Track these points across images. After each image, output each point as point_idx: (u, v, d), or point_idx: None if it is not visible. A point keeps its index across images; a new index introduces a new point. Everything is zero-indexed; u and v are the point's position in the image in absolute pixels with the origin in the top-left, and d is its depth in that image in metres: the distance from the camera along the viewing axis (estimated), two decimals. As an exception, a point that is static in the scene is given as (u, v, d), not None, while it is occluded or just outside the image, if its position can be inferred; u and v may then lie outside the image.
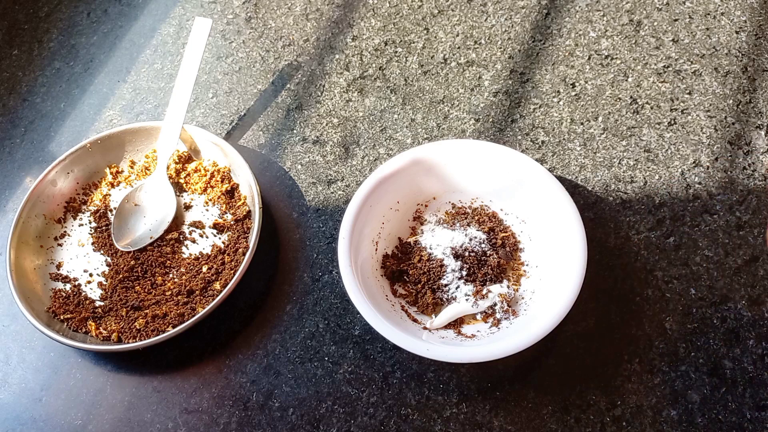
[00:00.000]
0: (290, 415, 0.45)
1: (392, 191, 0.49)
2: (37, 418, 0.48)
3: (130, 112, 0.62)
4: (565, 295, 0.41)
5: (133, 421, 0.47)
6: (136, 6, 0.68)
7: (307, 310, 0.49)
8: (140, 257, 0.52)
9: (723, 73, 0.54)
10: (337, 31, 0.63)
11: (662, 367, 0.44)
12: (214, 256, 0.51)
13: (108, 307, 0.50)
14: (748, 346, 0.43)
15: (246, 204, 0.53)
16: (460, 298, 0.46)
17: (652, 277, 0.46)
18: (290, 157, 0.56)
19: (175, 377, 0.48)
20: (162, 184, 0.55)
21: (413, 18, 0.62)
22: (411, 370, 0.46)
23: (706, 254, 0.47)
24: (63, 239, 0.55)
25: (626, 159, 0.51)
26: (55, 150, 0.61)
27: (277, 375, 0.47)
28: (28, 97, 0.64)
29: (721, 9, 0.58)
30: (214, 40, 0.64)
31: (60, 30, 0.68)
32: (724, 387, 0.43)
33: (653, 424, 0.42)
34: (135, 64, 0.64)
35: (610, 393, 0.43)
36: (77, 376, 0.49)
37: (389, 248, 0.49)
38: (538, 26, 0.60)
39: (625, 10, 0.59)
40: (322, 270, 0.51)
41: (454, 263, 0.47)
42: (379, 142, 0.56)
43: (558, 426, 0.43)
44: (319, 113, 0.58)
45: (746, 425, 0.41)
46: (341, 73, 0.60)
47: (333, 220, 0.53)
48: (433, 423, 0.44)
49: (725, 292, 0.45)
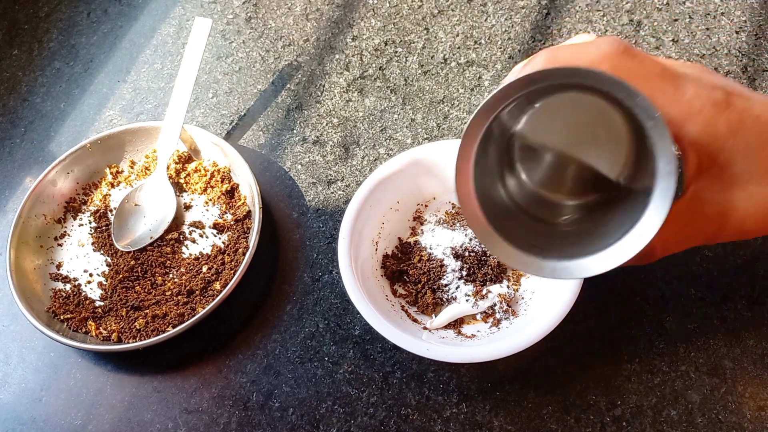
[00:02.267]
0: (290, 415, 0.45)
1: (392, 191, 0.49)
2: (37, 418, 0.48)
3: (130, 112, 0.62)
4: (565, 295, 0.41)
5: (133, 421, 0.47)
6: (136, 6, 0.68)
7: (307, 310, 0.49)
8: (140, 257, 0.52)
9: (723, 73, 0.54)
10: (337, 31, 0.63)
11: (662, 367, 0.44)
12: (214, 256, 0.51)
13: (108, 307, 0.50)
14: (748, 346, 0.43)
15: (246, 204, 0.53)
16: (460, 298, 0.46)
17: (652, 277, 0.46)
18: (290, 157, 0.56)
19: (175, 377, 0.48)
20: (162, 184, 0.55)
21: (413, 18, 0.62)
22: (411, 370, 0.46)
23: (706, 254, 0.47)
24: (63, 239, 0.55)
25: (626, 159, 0.51)
26: (55, 150, 0.61)
27: (277, 375, 0.47)
28: (28, 97, 0.64)
29: (721, 9, 0.58)
30: (214, 40, 0.64)
31: (60, 30, 0.68)
32: (724, 387, 0.43)
33: (653, 424, 0.42)
34: (135, 64, 0.64)
35: (610, 393, 0.43)
36: (77, 376, 0.49)
37: (389, 248, 0.49)
38: (538, 26, 0.60)
39: (625, 10, 0.59)
40: (322, 270, 0.51)
41: (454, 263, 0.47)
42: (379, 142, 0.56)
43: (558, 426, 0.43)
44: (319, 113, 0.58)
45: (746, 425, 0.41)
46: (341, 73, 0.60)
47: (333, 220, 0.53)
48: (433, 423, 0.44)
49: (725, 292, 0.45)
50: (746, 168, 0.32)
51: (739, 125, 0.31)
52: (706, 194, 0.33)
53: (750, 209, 0.33)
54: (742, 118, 0.31)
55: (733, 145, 0.31)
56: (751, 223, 0.33)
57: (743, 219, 0.33)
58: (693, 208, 0.34)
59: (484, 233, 0.37)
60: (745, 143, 0.31)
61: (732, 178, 0.32)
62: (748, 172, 0.32)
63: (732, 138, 0.31)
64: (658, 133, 0.30)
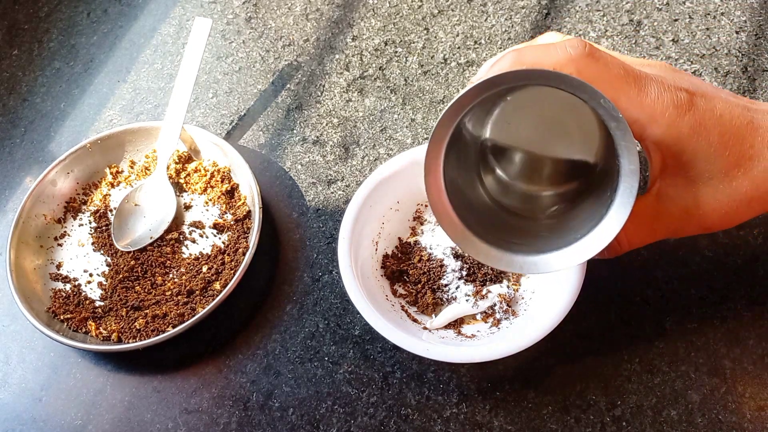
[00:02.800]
0: (290, 415, 0.45)
1: (392, 191, 0.49)
2: (37, 418, 0.48)
3: (130, 112, 0.62)
4: (565, 295, 0.41)
5: (133, 421, 0.47)
6: (136, 6, 0.68)
7: (307, 310, 0.49)
8: (140, 257, 0.52)
9: (723, 73, 0.54)
10: (337, 31, 0.63)
11: (662, 367, 0.44)
12: (214, 256, 0.51)
13: (108, 307, 0.50)
14: (748, 346, 0.43)
15: (246, 204, 0.53)
16: (460, 298, 0.46)
17: (652, 277, 0.46)
18: (290, 157, 0.56)
19: (175, 377, 0.48)
20: (162, 184, 0.55)
21: (413, 18, 0.62)
22: (411, 370, 0.46)
23: (706, 254, 0.47)
24: (63, 239, 0.55)
25: (626, 159, 0.51)
26: (55, 150, 0.61)
27: (277, 375, 0.47)
28: (28, 97, 0.64)
29: (721, 9, 0.58)
30: (214, 40, 0.64)
31: (60, 30, 0.68)
32: (724, 387, 0.43)
33: (653, 424, 0.42)
34: (135, 64, 0.64)
35: (610, 393, 0.43)
36: (77, 376, 0.49)
37: (389, 248, 0.49)
38: (538, 26, 0.60)
39: (625, 10, 0.59)
40: (322, 270, 0.51)
41: (454, 263, 0.47)
42: (379, 142, 0.56)
43: (558, 426, 0.43)
44: (319, 113, 0.58)
45: (746, 425, 0.41)
46: (341, 73, 0.60)
47: (333, 220, 0.53)
48: (433, 423, 0.44)
49: (725, 292, 0.45)
50: (708, 167, 0.33)
51: (701, 126, 0.32)
52: (671, 192, 0.34)
53: (713, 205, 0.34)
54: (704, 118, 0.32)
55: (695, 145, 0.32)
56: (714, 218, 0.35)
57: (706, 215, 0.34)
58: (658, 205, 0.35)
59: (454, 230, 0.38)
60: (708, 143, 0.32)
61: (695, 176, 0.34)
62: (711, 170, 0.33)
63: (695, 139, 0.32)
64: (621, 134, 0.31)
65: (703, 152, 0.33)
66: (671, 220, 0.36)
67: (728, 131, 0.33)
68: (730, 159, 0.33)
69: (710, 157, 0.33)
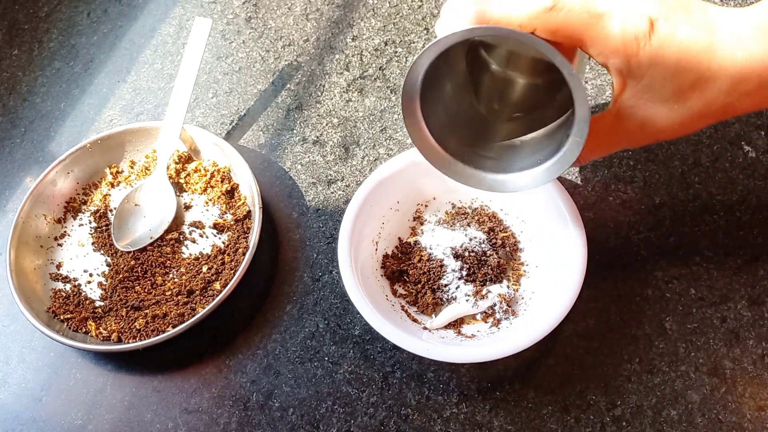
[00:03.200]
0: (290, 415, 0.45)
1: (392, 191, 0.49)
2: (37, 418, 0.48)
3: (130, 112, 0.62)
4: (565, 295, 0.42)
5: (133, 421, 0.47)
6: (136, 6, 0.68)
7: (307, 310, 0.49)
8: (140, 257, 0.52)
9: None
10: (337, 31, 0.63)
11: (662, 367, 0.44)
12: (214, 256, 0.51)
13: (108, 307, 0.50)
14: (748, 346, 0.43)
15: (246, 204, 0.53)
16: (460, 299, 0.46)
17: (652, 277, 0.46)
18: (290, 157, 0.56)
19: (175, 377, 0.48)
20: (162, 184, 0.55)
21: (413, 18, 0.62)
22: (411, 370, 0.46)
23: (706, 254, 0.47)
24: (63, 239, 0.55)
25: (626, 159, 0.51)
26: (55, 150, 0.61)
27: (277, 375, 0.47)
28: (28, 97, 0.64)
29: (721, 9, 0.58)
30: (214, 40, 0.64)
31: (60, 30, 0.68)
32: (724, 387, 0.43)
33: (653, 424, 0.42)
34: (135, 64, 0.64)
35: (610, 393, 0.43)
36: (77, 376, 0.49)
37: (389, 248, 0.49)
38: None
39: None
40: (322, 270, 0.51)
41: (454, 263, 0.47)
42: (379, 142, 0.56)
43: (558, 426, 0.43)
44: (319, 113, 0.58)
45: (746, 425, 0.41)
46: (341, 73, 0.60)
47: (333, 220, 0.53)
48: (433, 423, 0.44)
49: (725, 292, 0.45)
50: (664, 91, 0.36)
51: (658, 56, 0.35)
52: (629, 111, 0.37)
53: (667, 122, 0.37)
54: (663, 46, 0.34)
55: (653, 72, 0.35)
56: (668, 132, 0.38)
57: (660, 130, 0.38)
58: (616, 123, 0.38)
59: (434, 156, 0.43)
60: (664, 70, 0.35)
61: (652, 98, 0.36)
62: (666, 93, 0.36)
63: (652, 67, 0.35)
64: (575, 85, 0.35)
65: (659, 77, 0.35)
66: (627, 134, 0.39)
67: (686, 56, 0.34)
68: (686, 83, 0.35)
69: (666, 82, 0.35)
